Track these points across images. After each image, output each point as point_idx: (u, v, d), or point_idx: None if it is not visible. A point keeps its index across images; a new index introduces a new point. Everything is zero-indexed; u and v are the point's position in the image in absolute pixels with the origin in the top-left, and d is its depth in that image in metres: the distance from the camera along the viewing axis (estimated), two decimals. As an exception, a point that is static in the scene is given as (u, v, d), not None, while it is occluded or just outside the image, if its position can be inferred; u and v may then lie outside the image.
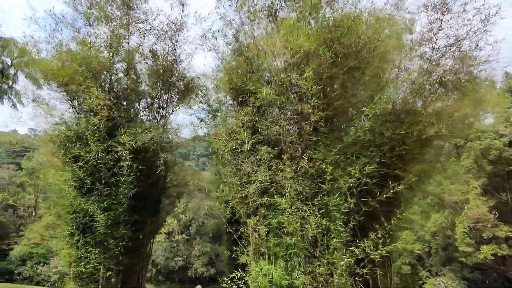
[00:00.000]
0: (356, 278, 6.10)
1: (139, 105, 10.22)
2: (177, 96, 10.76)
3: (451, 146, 36.32)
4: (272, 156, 6.59)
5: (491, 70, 9.14)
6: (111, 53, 9.00)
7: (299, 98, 6.05)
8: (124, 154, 7.41)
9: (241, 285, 6.20)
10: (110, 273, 7.84)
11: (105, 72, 8.60)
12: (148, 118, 9.64)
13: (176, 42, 9.92)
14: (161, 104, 10.57)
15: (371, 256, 6.03)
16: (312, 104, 5.73)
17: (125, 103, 8.85)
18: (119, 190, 7.60)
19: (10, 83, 17.00)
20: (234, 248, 7.09)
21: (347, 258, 6.14)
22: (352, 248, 6.31)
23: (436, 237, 27.19)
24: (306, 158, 6.10)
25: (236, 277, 6.21)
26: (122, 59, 9.44)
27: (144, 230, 9.11)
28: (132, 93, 9.08)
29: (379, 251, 5.92)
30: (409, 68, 9.14)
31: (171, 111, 10.83)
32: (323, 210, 5.99)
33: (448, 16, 8.94)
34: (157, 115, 10.49)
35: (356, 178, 6.15)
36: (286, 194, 6.35)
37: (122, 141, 7.51)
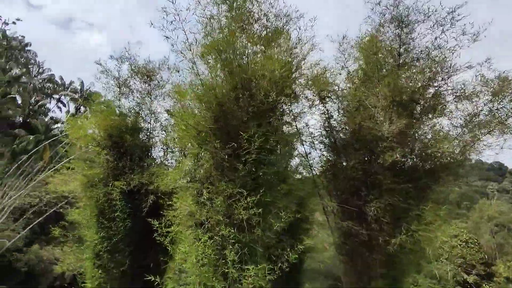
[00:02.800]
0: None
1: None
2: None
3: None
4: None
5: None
6: (134, 118, 12.08)
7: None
8: (115, 196, 9.72)
9: None
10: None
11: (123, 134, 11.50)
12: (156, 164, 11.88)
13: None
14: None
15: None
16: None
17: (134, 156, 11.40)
18: (114, 223, 9.83)
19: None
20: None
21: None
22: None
23: None
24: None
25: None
26: (144, 121, 12.45)
27: (149, 259, 10.91)
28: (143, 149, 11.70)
29: None
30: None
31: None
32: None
33: (408, 29, 8.33)
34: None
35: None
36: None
37: (116, 186, 9.88)
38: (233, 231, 6.48)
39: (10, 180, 26.72)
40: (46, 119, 28.48)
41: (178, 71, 12.67)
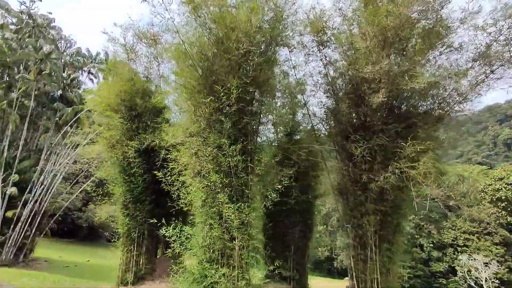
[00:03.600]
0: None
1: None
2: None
3: None
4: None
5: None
6: (143, 82, 12.82)
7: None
8: (130, 154, 10.81)
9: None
10: (142, 234, 11.45)
11: (134, 98, 12.33)
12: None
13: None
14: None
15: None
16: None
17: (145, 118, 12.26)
18: (133, 178, 11.09)
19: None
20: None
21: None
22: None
23: None
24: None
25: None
26: (153, 84, 13.18)
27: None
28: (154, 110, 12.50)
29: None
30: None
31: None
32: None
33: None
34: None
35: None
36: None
37: (130, 145, 10.94)
38: (222, 176, 7.16)
39: (57, 149, 29.97)
40: (80, 91, 30.43)
41: (177, 32, 13.02)
